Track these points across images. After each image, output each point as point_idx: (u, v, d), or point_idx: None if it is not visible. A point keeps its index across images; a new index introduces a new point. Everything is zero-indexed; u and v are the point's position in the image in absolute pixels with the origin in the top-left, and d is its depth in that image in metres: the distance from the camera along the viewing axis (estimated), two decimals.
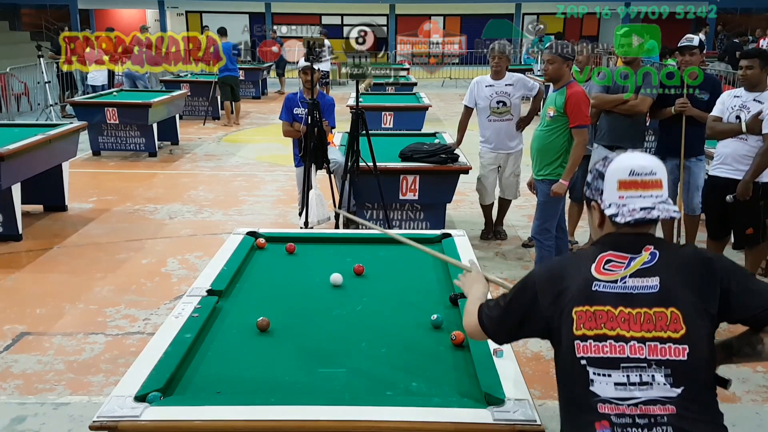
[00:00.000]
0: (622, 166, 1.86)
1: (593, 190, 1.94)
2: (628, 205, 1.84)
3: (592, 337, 1.77)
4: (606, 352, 1.76)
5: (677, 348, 1.74)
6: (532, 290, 1.90)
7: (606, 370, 1.76)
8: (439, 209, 6.07)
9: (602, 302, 1.78)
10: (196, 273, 4.07)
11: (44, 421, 3.52)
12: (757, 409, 3.77)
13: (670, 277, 1.78)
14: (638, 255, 1.82)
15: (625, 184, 1.85)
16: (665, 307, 1.76)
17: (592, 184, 1.95)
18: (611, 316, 1.77)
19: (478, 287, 2.28)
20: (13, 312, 4.82)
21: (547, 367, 4.11)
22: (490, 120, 6.02)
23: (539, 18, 23.08)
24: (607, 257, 1.84)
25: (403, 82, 13.95)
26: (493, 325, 2.00)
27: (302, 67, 5.82)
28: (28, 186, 6.59)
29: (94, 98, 10.54)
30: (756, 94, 4.68)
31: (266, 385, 2.27)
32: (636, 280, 1.79)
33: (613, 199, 1.87)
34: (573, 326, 1.79)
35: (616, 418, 1.74)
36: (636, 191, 1.84)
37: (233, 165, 9.69)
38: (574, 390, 1.82)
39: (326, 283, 3.18)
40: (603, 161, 1.93)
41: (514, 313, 1.94)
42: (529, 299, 1.90)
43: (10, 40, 20.24)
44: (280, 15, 25.82)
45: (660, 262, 1.81)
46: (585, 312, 1.79)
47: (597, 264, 1.84)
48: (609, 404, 1.75)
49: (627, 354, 1.75)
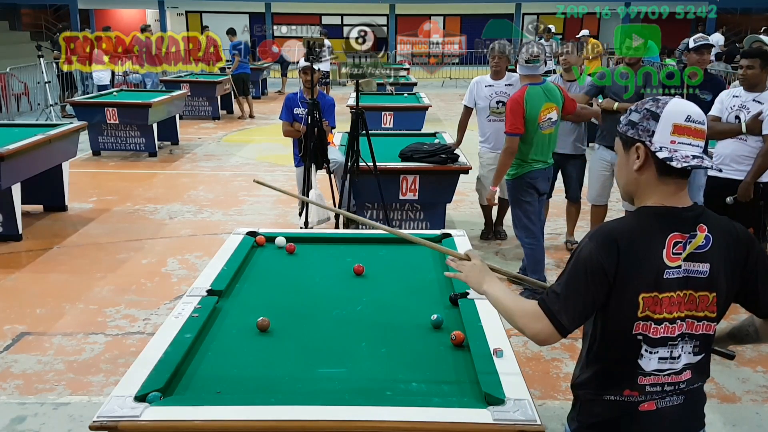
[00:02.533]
0: (679, 110, 1.79)
1: (640, 131, 1.80)
2: (680, 150, 1.77)
3: (654, 320, 1.79)
4: (661, 332, 1.80)
5: (709, 325, 1.84)
6: (600, 272, 1.76)
7: (656, 348, 1.81)
8: (439, 209, 6.08)
9: (668, 289, 1.78)
10: (196, 273, 4.07)
11: (44, 421, 3.52)
12: (757, 409, 3.77)
13: (719, 264, 1.80)
14: (694, 234, 1.78)
15: (680, 128, 1.77)
16: (709, 292, 1.80)
17: (639, 124, 1.81)
18: (672, 300, 1.79)
19: (492, 281, 2.08)
20: (13, 312, 4.82)
21: (547, 367, 4.12)
22: (490, 120, 6.02)
23: (539, 18, 23.08)
24: (674, 239, 1.78)
25: (403, 82, 13.97)
26: (573, 321, 1.81)
27: (302, 67, 5.83)
28: (28, 186, 6.59)
29: (94, 98, 10.54)
30: (755, 94, 4.67)
31: (266, 385, 2.26)
32: (690, 264, 1.79)
33: (664, 143, 1.78)
34: (638, 310, 1.78)
35: (649, 388, 1.84)
36: (687, 138, 1.78)
37: (233, 165, 9.69)
38: (618, 361, 1.84)
39: (326, 284, 3.18)
40: (654, 102, 1.82)
41: (587, 301, 1.80)
42: (599, 282, 1.77)
43: (10, 40, 20.25)
44: (280, 15, 25.82)
45: (712, 247, 1.79)
46: (652, 298, 1.77)
47: (667, 249, 1.77)
48: (648, 377, 1.83)
49: (675, 333, 1.81)
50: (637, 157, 1.81)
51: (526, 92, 4.80)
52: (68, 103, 11.59)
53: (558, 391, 3.85)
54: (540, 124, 4.83)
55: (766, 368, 4.14)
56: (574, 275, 1.80)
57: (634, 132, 1.82)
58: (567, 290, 1.80)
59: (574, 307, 1.79)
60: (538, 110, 4.80)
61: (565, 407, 3.67)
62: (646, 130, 1.80)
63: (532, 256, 5.05)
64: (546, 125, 4.87)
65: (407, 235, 2.78)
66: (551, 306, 1.80)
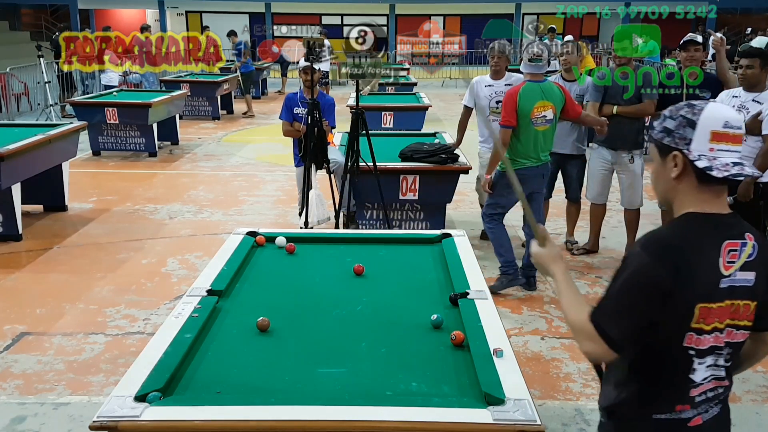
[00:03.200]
0: (716, 116, 1.72)
1: (677, 139, 1.74)
2: (719, 158, 1.71)
3: (707, 331, 1.74)
4: (711, 342, 1.76)
5: (744, 333, 1.81)
6: (654, 286, 1.68)
7: (705, 358, 1.77)
8: (439, 209, 6.08)
9: (722, 298, 1.73)
10: (196, 273, 4.07)
11: (44, 421, 3.52)
12: (757, 409, 3.77)
13: (762, 274, 1.77)
14: (745, 243, 1.74)
15: (718, 135, 1.71)
16: (751, 301, 1.77)
17: (675, 132, 1.75)
18: (722, 310, 1.74)
19: (566, 284, 1.90)
20: (13, 312, 4.82)
21: (547, 367, 4.12)
22: (490, 120, 6.02)
23: (539, 18, 23.08)
24: (729, 247, 1.73)
25: (403, 82, 13.96)
26: (628, 339, 1.72)
27: (302, 67, 5.83)
28: (28, 186, 6.59)
29: (93, 98, 10.54)
30: (755, 94, 4.67)
31: (266, 385, 2.27)
32: (740, 273, 1.75)
33: (703, 151, 1.71)
34: (691, 321, 1.72)
35: (698, 398, 1.79)
36: (726, 144, 1.72)
37: (233, 165, 9.69)
38: (669, 377, 1.78)
39: (326, 284, 3.18)
40: (689, 108, 1.76)
41: (642, 317, 1.71)
42: (654, 296, 1.69)
43: (10, 40, 20.27)
44: (280, 15, 25.82)
45: (758, 256, 1.76)
46: (707, 308, 1.72)
47: (723, 257, 1.72)
48: (697, 387, 1.78)
49: (722, 342, 1.78)
50: (675, 165, 1.76)
51: (522, 87, 4.92)
52: (68, 103, 11.59)
53: (558, 391, 3.84)
54: (533, 120, 4.89)
55: (766, 368, 4.14)
56: (626, 290, 1.71)
57: (671, 140, 1.76)
58: (619, 306, 1.72)
59: (628, 324, 1.71)
60: (531, 106, 4.87)
61: (565, 407, 3.69)
62: (682, 138, 1.74)
63: (495, 239, 5.21)
64: (540, 122, 4.93)
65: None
66: (604, 325, 1.72)
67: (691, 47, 5.36)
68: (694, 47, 5.35)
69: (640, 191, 5.75)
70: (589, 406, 3.64)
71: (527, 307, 4.98)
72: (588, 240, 6.12)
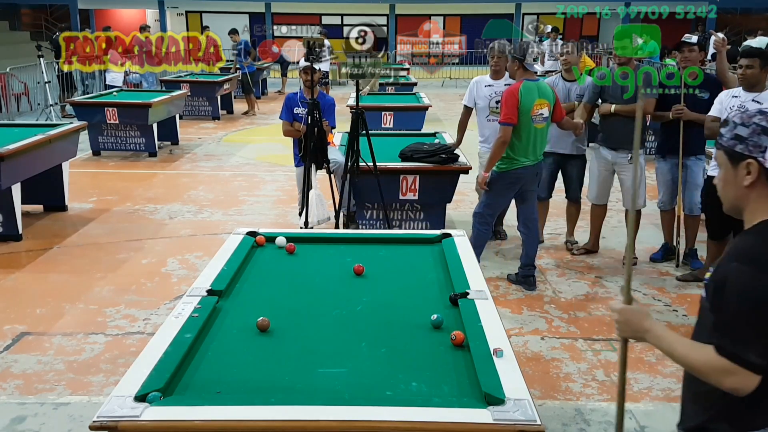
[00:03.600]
0: None
1: (751, 147, 1.75)
2: None
3: None
4: None
5: None
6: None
7: None
8: (439, 209, 6.08)
9: None
10: (196, 273, 4.07)
11: (44, 421, 3.52)
12: None
13: None
14: None
15: None
16: None
17: (748, 140, 1.76)
18: None
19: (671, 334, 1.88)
20: (13, 312, 4.82)
21: (547, 367, 4.12)
22: (489, 120, 6.02)
23: (539, 18, 23.08)
24: None
25: (403, 82, 13.96)
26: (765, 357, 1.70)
27: (302, 67, 5.83)
28: (28, 186, 6.59)
29: (93, 98, 10.54)
30: (754, 94, 4.67)
31: (266, 385, 2.27)
32: None
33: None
34: None
35: None
36: None
37: (233, 165, 9.69)
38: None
39: (326, 284, 3.18)
40: (763, 116, 1.77)
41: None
42: None
43: (10, 40, 20.26)
44: (280, 15, 25.81)
45: None
46: None
47: None
48: None
49: None
50: (748, 173, 1.77)
51: (522, 85, 4.96)
52: (68, 103, 11.59)
53: (558, 391, 3.84)
54: (533, 117, 4.95)
55: None
56: (749, 310, 1.69)
57: (744, 147, 1.76)
58: (748, 329, 1.70)
59: (765, 343, 1.69)
60: (531, 103, 4.93)
61: (565, 407, 3.69)
62: (757, 146, 1.75)
63: (476, 238, 5.13)
64: (538, 119, 4.99)
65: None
66: (740, 353, 1.69)
67: (685, 48, 5.37)
68: (687, 48, 5.36)
69: (641, 192, 5.75)
70: (589, 406, 3.64)
71: (527, 307, 4.98)
72: (588, 240, 6.12)
